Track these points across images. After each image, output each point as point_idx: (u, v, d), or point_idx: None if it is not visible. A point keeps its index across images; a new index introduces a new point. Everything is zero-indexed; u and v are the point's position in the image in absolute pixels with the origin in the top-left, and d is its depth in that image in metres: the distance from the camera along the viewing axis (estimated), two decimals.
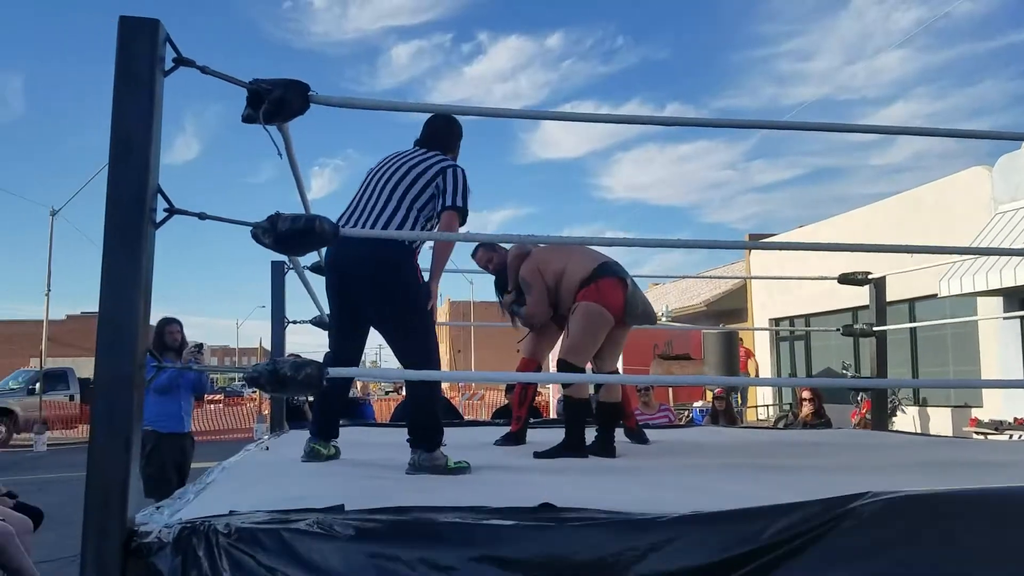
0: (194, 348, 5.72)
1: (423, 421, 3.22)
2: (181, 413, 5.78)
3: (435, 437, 3.18)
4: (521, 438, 4.42)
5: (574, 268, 4.09)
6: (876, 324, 5.68)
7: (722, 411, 9.74)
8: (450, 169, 3.39)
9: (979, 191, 12.70)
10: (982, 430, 11.24)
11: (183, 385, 5.77)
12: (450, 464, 3.11)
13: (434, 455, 3.12)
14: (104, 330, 1.77)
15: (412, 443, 3.19)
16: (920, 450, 4.11)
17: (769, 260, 18.16)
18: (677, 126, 3.09)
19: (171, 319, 5.94)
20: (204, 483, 2.63)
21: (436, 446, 3.15)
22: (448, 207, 3.32)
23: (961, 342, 13.50)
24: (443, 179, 3.36)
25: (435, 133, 3.60)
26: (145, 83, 1.82)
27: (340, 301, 3.47)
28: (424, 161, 3.42)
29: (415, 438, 3.19)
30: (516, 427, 4.47)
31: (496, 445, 4.27)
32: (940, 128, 2.93)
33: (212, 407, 23.59)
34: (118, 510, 1.76)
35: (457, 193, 3.35)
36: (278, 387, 2.05)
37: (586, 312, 3.98)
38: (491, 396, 22.20)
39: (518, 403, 4.60)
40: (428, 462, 3.10)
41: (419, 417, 3.24)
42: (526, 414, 4.55)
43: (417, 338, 3.31)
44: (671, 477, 3.03)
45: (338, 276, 3.40)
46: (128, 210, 1.78)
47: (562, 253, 4.18)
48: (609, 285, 4.00)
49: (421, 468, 3.09)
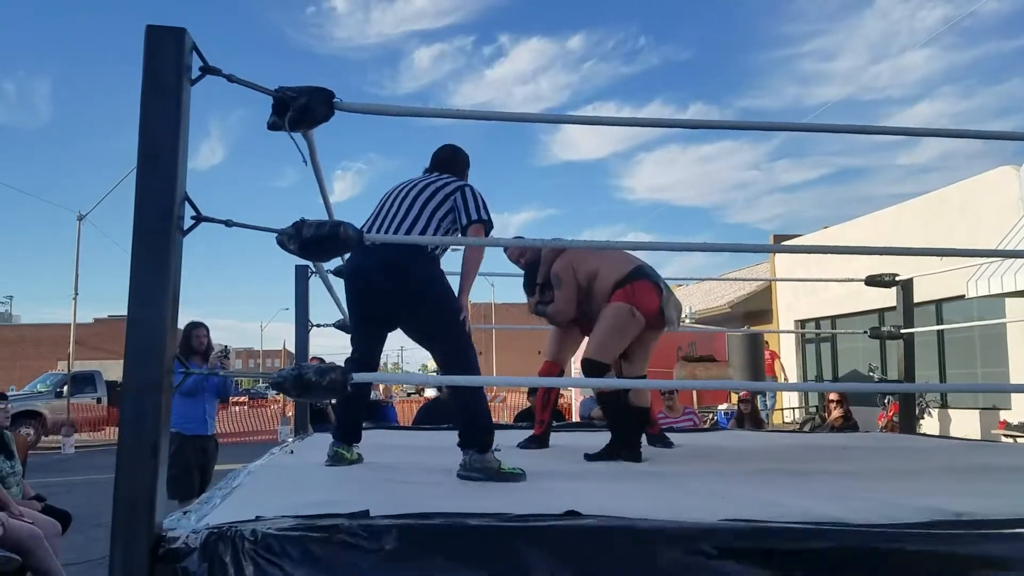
0: (220, 353, 5.80)
1: (472, 421, 3.17)
2: (205, 416, 5.87)
3: (486, 438, 3.11)
4: (545, 441, 4.42)
5: (608, 270, 4.06)
6: (904, 327, 5.62)
7: (747, 414, 9.65)
8: (467, 187, 3.48)
9: (1007, 191, 12.54)
10: (1011, 433, 11.10)
11: (208, 389, 5.85)
12: (504, 468, 3.04)
13: (486, 457, 3.05)
14: (133, 336, 1.78)
15: (462, 445, 3.12)
16: (947, 455, 4.06)
17: (794, 261, 18.03)
18: (698, 128, 3.08)
19: (198, 323, 6.02)
20: (230, 487, 2.64)
21: (487, 448, 3.08)
22: (474, 220, 3.37)
23: (989, 344, 13.32)
24: (461, 196, 3.43)
25: (442, 162, 3.71)
26: (172, 92, 1.83)
27: (362, 308, 3.48)
28: (439, 180, 3.51)
29: (465, 439, 3.13)
30: (540, 430, 4.46)
31: (520, 448, 4.25)
32: (968, 129, 2.90)
33: (237, 409, 23.77)
34: (146, 515, 1.77)
35: (480, 207, 3.41)
36: (303, 392, 2.06)
37: (616, 311, 3.96)
38: (513, 399, 22.17)
39: (541, 406, 4.57)
40: (480, 463, 3.03)
41: (468, 417, 3.19)
42: (549, 417, 4.52)
43: (451, 339, 3.30)
44: (696, 483, 3.01)
45: (360, 284, 3.41)
46: (156, 218, 1.80)
47: (597, 254, 4.16)
48: (644, 288, 3.98)
49: (472, 470, 3.02)
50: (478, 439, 3.09)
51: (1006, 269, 11.14)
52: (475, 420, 3.17)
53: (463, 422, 3.18)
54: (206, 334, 5.97)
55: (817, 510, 2.20)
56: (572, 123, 2.72)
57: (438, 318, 3.30)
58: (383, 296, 3.32)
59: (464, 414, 3.21)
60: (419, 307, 3.31)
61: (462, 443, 3.13)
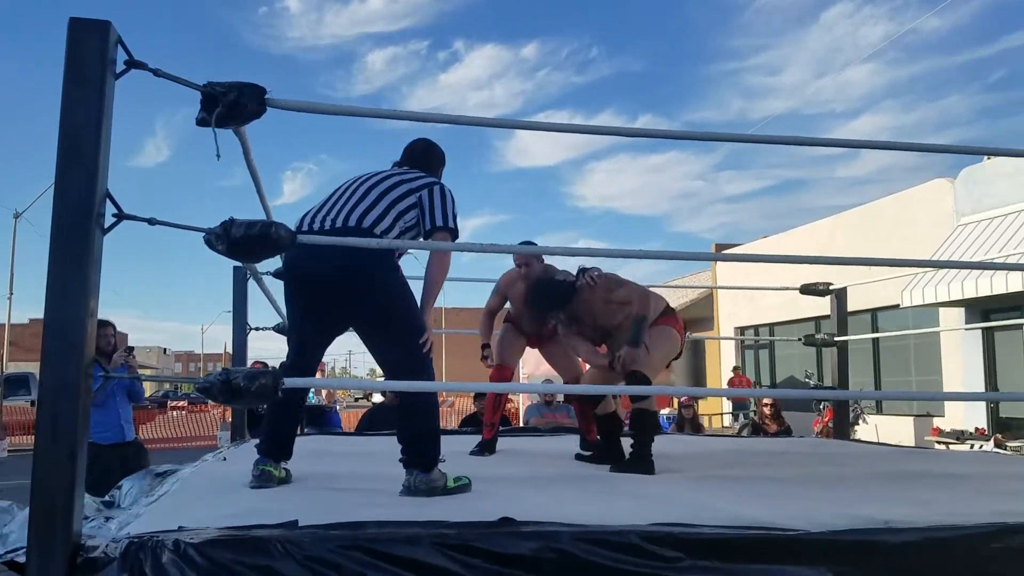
0: (124, 351, 5.39)
1: (417, 437, 2.87)
2: (121, 422, 5.41)
3: (432, 456, 2.82)
4: (492, 447, 4.41)
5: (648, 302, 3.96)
6: (837, 334, 5.73)
7: (688, 419, 9.77)
8: (437, 186, 3.08)
9: (941, 203, 12.89)
10: (944, 440, 11.39)
11: (118, 391, 5.42)
12: (449, 484, 2.80)
13: (431, 476, 2.78)
14: (50, 338, 1.71)
15: (406, 463, 2.83)
16: (878, 461, 4.13)
17: (735, 270, 18.31)
18: (648, 137, 3.07)
19: (105, 322, 5.45)
20: (156, 495, 2.56)
21: (433, 465, 2.81)
22: (439, 227, 2.99)
23: (923, 352, 13.68)
24: (428, 194, 3.03)
25: (414, 156, 3.36)
26: (95, 85, 1.77)
27: (306, 310, 3.09)
28: (407, 174, 3.13)
29: (409, 457, 2.84)
30: (489, 435, 4.45)
31: (470, 455, 4.24)
32: (902, 142, 2.96)
33: (175, 414, 23.24)
34: (63, 523, 1.70)
35: (447, 212, 3.02)
36: (231, 397, 1.99)
37: (668, 335, 3.98)
38: (460, 403, 22.10)
39: (491, 410, 4.54)
40: (424, 484, 2.76)
41: (413, 433, 2.89)
42: (498, 421, 4.52)
43: (409, 358, 2.94)
44: (632, 487, 3.01)
45: (308, 285, 3.00)
46: (75, 215, 1.73)
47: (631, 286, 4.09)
48: (677, 322, 4.10)
49: (416, 491, 2.75)
50: (424, 458, 2.80)
51: (940, 279, 11.45)
52: (422, 438, 2.86)
53: (408, 439, 2.88)
54: (114, 334, 5.53)
55: (748, 514, 2.21)
56: (511, 127, 2.70)
57: (397, 334, 2.94)
58: (335, 301, 2.97)
59: (410, 431, 2.90)
60: (377, 320, 2.97)
61: (405, 461, 2.84)
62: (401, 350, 2.95)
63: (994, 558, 2.01)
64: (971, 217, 12.03)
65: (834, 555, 1.92)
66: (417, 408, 2.93)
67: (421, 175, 3.14)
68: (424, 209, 3.01)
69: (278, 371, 2.08)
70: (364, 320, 3.02)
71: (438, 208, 3.00)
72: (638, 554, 1.82)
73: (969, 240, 11.54)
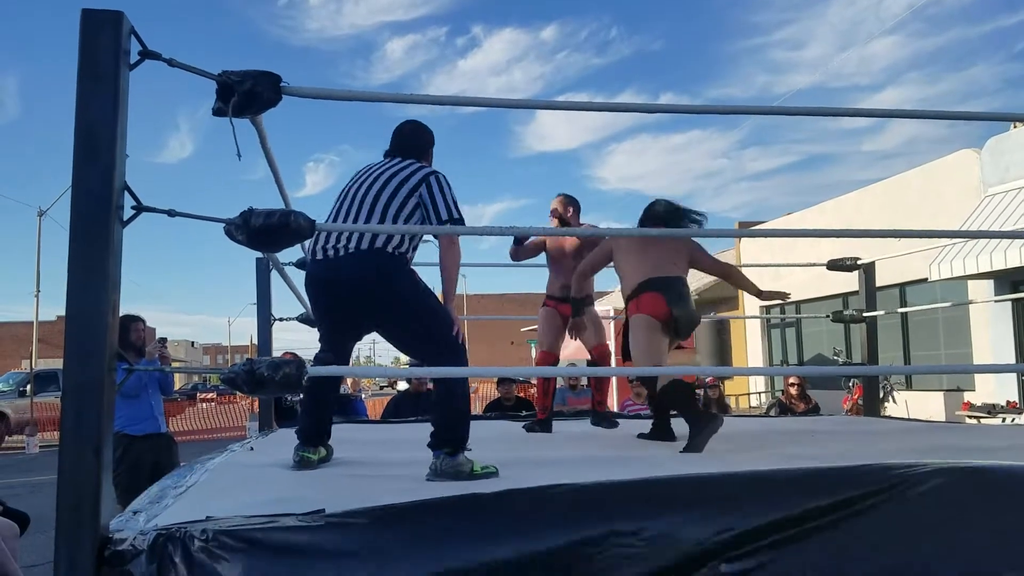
0: (158, 342, 5.45)
1: (447, 421, 2.92)
2: (154, 413, 5.48)
3: (460, 439, 2.87)
4: (548, 426, 4.90)
5: (628, 278, 4.20)
6: (866, 310, 5.65)
7: (714, 399, 9.71)
8: (432, 177, 3.10)
9: (968, 174, 12.68)
10: (975, 414, 11.26)
11: (151, 384, 5.45)
12: (476, 469, 2.80)
13: (457, 460, 2.80)
14: (72, 330, 1.71)
15: (434, 445, 2.87)
16: (909, 437, 4.08)
17: (760, 247, 18.15)
18: (672, 113, 3.04)
19: (135, 317, 5.56)
20: (184, 486, 2.57)
21: (460, 449, 2.84)
22: (444, 220, 3.04)
23: (952, 326, 13.51)
24: (427, 189, 3.07)
25: (403, 142, 3.35)
26: (109, 77, 1.76)
27: (330, 319, 3.22)
28: (403, 169, 3.14)
29: (436, 439, 2.88)
30: (543, 416, 4.94)
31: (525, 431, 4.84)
32: (930, 110, 2.89)
33: (204, 406, 23.45)
34: (90, 517, 1.71)
35: (449, 204, 3.06)
36: (256, 387, 1.99)
37: (634, 322, 4.11)
38: (484, 389, 22.14)
39: (542, 394, 5.00)
40: (451, 467, 2.78)
41: (443, 416, 2.94)
42: (551, 403, 4.99)
43: (434, 339, 3.01)
44: (673, 463, 2.98)
45: (330, 299, 3.12)
46: (94, 208, 1.73)
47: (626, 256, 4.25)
48: (648, 298, 4.09)
49: (442, 474, 2.77)
50: (452, 440, 2.85)
51: (968, 251, 11.28)
52: (453, 420, 2.92)
53: (439, 421, 2.93)
54: (144, 328, 5.61)
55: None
56: (529, 107, 2.67)
57: (426, 331, 3.02)
58: (358, 311, 3.07)
59: (443, 413, 2.95)
60: (402, 323, 3.05)
61: (434, 443, 2.88)
62: (433, 345, 3.02)
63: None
64: (998, 188, 11.82)
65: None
66: (449, 392, 2.98)
67: (414, 167, 3.15)
68: (427, 206, 3.05)
69: (303, 361, 2.07)
70: (390, 325, 3.11)
71: (440, 201, 3.04)
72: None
73: (997, 211, 11.34)
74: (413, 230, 3.04)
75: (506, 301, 55.22)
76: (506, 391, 7.96)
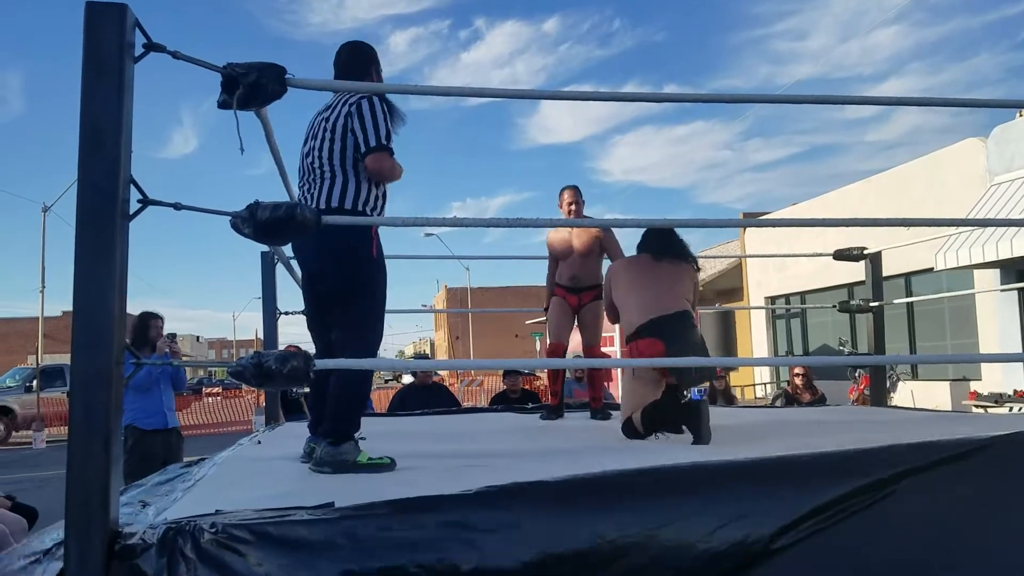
0: (168, 338, 5.49)
1: (337, 410, 2.84)
2: (163, 409, 5.56)
3: (346, 429, 2.81)
4: (560, 411, 5.13)
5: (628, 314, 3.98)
6: (872, 300, 5.63)
7: (721, 391, 9.69)
8: (355, 107, 2.90)
9: (973, 163, 12.64)
10: (982, 403, 11.24)
11: (162, 379, 5.55)
12: (362, 460, 2.73)
13: (340, 449, 2.74)
14: (79, 326, 1.71)
15: (321, 433, 2.85)
16: (915, 426, 4.07)
17: (764, 238, 18.12)
18: (675, 102, 3.03)
19: (154, 314, 5.67)
20: (193, 480, 2.58)
21: (344, 439, 2.78)
22: (373, 148, 2.87)
23: (959, 315, 13.48)
24: (353, 121, 2.89)
25: (342, 68, 3.16)
26: (114, 70, 1.75)
27: (306, 293, 3.24)
28: (333, 111, 2.97)
29: (324, 428, 2.83)
30: (555, 402, 5.16)
31: (541, 419, 5.02)
32: (936, 98, 2.87)
33: (210, 400, 23.51)
34: (100, 511, 1.70)
35: (379, 129, 2.88)
36: (264, 380, 1.99)
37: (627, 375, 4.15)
38: (490, 382, 22.15)
39: (552, 380, 5.23)
40: (330, 456, 2.73)
41: (336, 403, 2.86)
42: (561, 389, 5.18)
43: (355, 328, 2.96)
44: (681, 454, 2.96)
45: (302, 268, 3.20)
46: (99, 202, 1.72)
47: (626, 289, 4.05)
48: (646, 345, 3.84)
49: (323, 464, 2.73)
50: (335, 431, 2.78)
51: (974, 241, 11.24)
52: (341, 409, 2.84)
53: (329, 407, 2.86)
54: (163, 325, 5.67)
55: None
56: (532, 98, 2.65)
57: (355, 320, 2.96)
58: (318, 278, 3.07)
59: (332, 403, 2.87)
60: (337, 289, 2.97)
61: (321, 432, 2.83)
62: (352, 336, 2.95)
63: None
64: (1004, 176, 11.78)
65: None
66: (345, 381, 2.89)
67: (339, 109, 2.95)
68: (357, 136, 2.89)
69: (309, 354, 2.07)
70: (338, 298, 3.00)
71: (369, 128, 2.87)
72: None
73: (1003, 200, 11.30)
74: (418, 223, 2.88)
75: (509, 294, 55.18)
76: (512, 383, 7.96)
